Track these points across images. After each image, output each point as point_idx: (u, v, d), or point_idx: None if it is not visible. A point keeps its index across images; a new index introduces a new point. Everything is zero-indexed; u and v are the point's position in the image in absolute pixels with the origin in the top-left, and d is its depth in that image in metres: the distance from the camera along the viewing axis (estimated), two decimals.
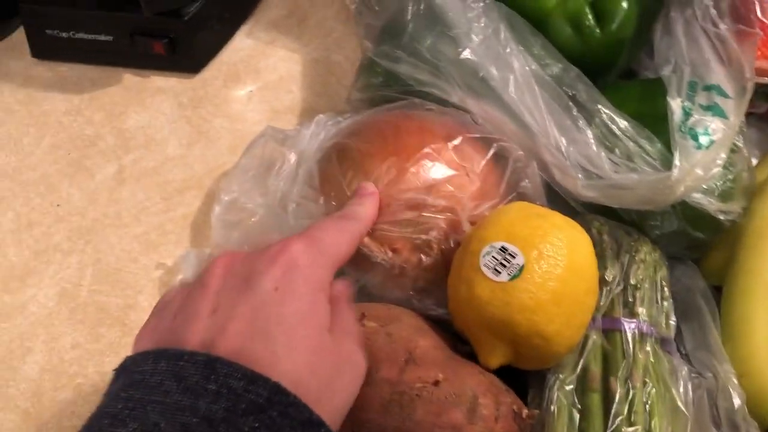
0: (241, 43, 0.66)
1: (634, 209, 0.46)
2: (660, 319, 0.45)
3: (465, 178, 0.44)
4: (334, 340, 0.33)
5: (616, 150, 0.46)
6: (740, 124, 0.46)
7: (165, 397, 0.28)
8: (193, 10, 0.60)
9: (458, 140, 0.45)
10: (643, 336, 0.43)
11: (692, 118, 0.45)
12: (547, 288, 0.39)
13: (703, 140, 0.44)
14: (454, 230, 0.43)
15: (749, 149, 0.58)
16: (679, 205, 0.45)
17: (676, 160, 0.42)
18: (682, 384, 0.42)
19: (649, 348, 0.43)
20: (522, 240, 0.39)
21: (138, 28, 0.60)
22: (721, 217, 0.46)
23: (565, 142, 0.46)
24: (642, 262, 0.45)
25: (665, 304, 0.45)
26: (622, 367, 0.42)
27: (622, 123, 0.47)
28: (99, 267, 0.55)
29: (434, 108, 0.48)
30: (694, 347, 0.45)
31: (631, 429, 0.39)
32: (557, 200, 0.48)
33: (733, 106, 0.45)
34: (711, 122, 0.44)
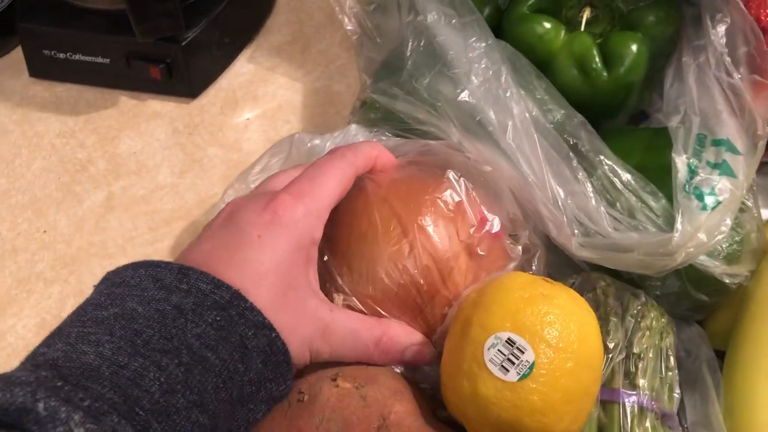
0: (242, 68, 0.64)
1: None
2: (663, 391, 0.42)
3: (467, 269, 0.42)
4: (298, 296, 0.37)
5: (618, 204, 0.44)
6: (750, 182, 0.44)
7: (143, 292, 0.34)
8: (191, 35, 0.59)
9: (478, 232, 0.43)
10: (643, 410, 0.40)
11: (698, 177, 0.42)
12: (558, 386, 0.35)
13: (709, 201, 0.41)
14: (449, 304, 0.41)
15: (766, 200, 0.56)
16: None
17: (678, 223, 0.40)
18: None
19: (648, 424, 0.40)
20: (529, 330, 0.36)
21: (134, 52, 0.59)
22: (726, 280, 0.43)
23: (563, 194, 0.43)
24: (648, 329, 0.42)
25: (669, 374, 0.42)
26: None
27: (625, 176, 0.44)
28: (81, 298, 0.52)
29: (475, 162, 0.46)
30: (695, 421, 0.42)
31: None
32: (558, 251, 0.46)
33: (743, 164, 0.43)
34: (718, 182, 0.42)
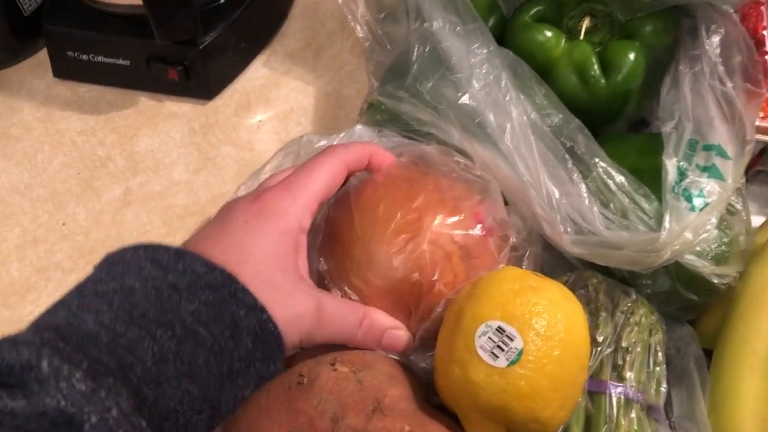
0: (257, 72, 0.67)
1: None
2: (650, 385, 0.43)
3: (465, 268, 0.43)
4: (285, 279, 0.39)
5: (611, 205, 0.46)
6: (738, 186, 0.45)
7: (141, 270, 0.36)
8: (208, 39, 0.62)
9: (473, 228, 0.44)
10: (629, 402, 0.42)
11: (687, 179, 0.44)
12: (545, 373, 0.37)
13: (697, 202, 0.43)
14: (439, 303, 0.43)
15: (760, 207, 0.57)
16: (672, 266, 0.44)
17: (666, 222, 0.41)
18: None
19: (634, 415, 0.41)
20: (518, 319, 0.38)
21: (154, 55, 0.62)
22: (715, 280, 0.45)
23: (558, 194, 0.45)
24: (636, 324, 0.44)
25: (657, 369, 0.44)
26: None
27: (619, 178, 0.46)
28: None
29: (465, 167, 0.47)
30: (681, 415, 0.44)
31: None
32: (554, 250, 0.47)
33: (731, 168, 0.44)
34: (707, 184, 0.43)
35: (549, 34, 0.52)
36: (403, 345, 0.42)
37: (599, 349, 0.43)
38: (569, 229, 0.44)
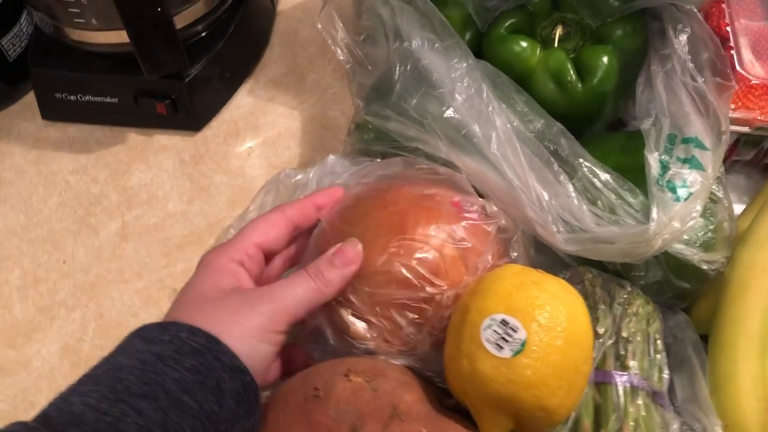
0: (242, 101, 0.68)
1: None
2: (652, 372, 0.45)
3: (461, 258, 0.44)
4: (229, 300, 0.40)
5: (599, 202, 0.47)
6: (719, 174, 0.47)
7: (130, 348, 0.38)
8: (194, 72, 0.63)
9: (458, 219, 0.45)
10: (635, 389, 0.43)
11: (670, 171, 0.46)
12: (549, 362, 0.38)
13: (682, 192, 0.45)
14: (448, 307, 0.43)
15: (739, 195, 0.59)
16: (662, 256, 0.46)
17: (654, 213, 0.43)
18: None
19: (641, 401, 0.43)
20: (521, 311, 0.39)
21: (141, 90, 0.63)
22: (704, 267, 0.47)
23: (547, 196, 0.47)
24: (634, 315, 0.46)
25: (658, 357, 0.46)
26: (613, 420, 0.42)
27: (604, 176, 0.48)
28: (101, 322, 0.56)
29: (429, 170, 0.49)
30: (684, 399, 0.45)
31: None
32: (548, 252, 0.49)
33: (710, 158, 0.46)
34: (689, 175, 0.45)
35: (524, 44, 0.54)
36: (353, 257, 0.43)
37: (601, 341, 0.44)
38: (561, 229, 0.46)
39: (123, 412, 0.34)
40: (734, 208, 0.51)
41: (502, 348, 0.38)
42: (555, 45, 0.54)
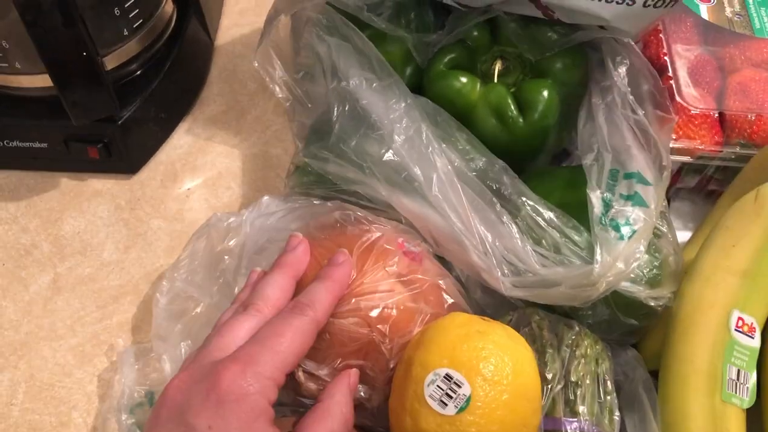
0: (180, 141, 0.66)
1: None
2: (603, 415, 0.44)
3: (404, 306, 0.43)
4: None
5: (543, 241, 0.46)
6: (662, 209, 0.47)
7: None
8: (127, 113, 0.61)
9: (396, 265, 0.45)
10: None
11: (613, 210, 0.45)
12: (495, 418, 0.37)
13: (625, 231, 0.44)
14: (393, 357, 0.42)
15: (684, 222, 0.59)
16: (609, 294, 0.45)
17: (597, 255, 0.42)
18: None
19: None
20: (465, 365, 0.38)
21: (72, 135, 0.60)
22: (652, 303, 0.46)
23: (491, 238, 0.46)
24: (583, 356, 0.45)
25: (608, 398, 0.44)
26: None
27: (548, 214, 0.47)
28: (32, 383, 0.53)
29: (368, 220, 0.48)
30: None
31: None
32: (494, 292, 0.48)
33: (653, 193, 0.46)
34: (632, 212, 0.45)
35: (464, 80, 0.53)
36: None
37: (550, 386, 0.43)
38: (506, 272, 0.45)
39: None
40: (680, 236, 0.51)
41: (446, 405, 0.37)
42: (495, 80, 0.54)
